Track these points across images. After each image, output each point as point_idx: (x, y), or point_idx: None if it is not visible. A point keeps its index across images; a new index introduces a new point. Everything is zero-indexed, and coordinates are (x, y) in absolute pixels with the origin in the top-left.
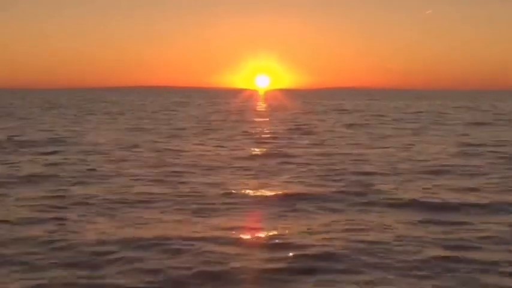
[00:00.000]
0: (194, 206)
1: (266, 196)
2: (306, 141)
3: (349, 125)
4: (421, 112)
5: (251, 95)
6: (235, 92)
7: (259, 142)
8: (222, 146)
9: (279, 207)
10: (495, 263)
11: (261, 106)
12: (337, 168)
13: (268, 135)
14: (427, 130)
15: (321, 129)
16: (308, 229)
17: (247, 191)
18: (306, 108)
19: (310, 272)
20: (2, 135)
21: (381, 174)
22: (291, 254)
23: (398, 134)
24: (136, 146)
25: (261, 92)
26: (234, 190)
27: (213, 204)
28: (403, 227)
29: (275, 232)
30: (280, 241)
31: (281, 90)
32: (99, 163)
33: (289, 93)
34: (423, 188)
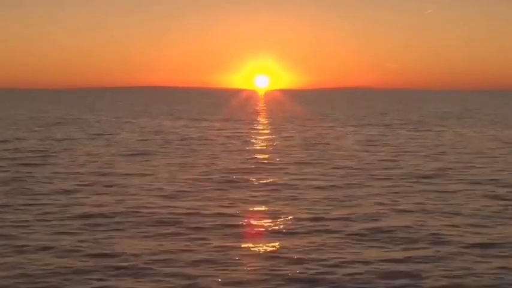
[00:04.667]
0: None
1: None
2: None
3: None
4: None
5: (250, 96)
6: (234, 93)
7: None
8: None
9: None
10: None
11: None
12: None
13: None
14: None
15: None
16: None
17: None
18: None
19: None
20: None
21: None
22: None
23: None
24: None
25: (261, 93)
26: None
27: None
28: None
29: None
30: None
31: (281, 90)
32: None
33: (289, 94)
34: None
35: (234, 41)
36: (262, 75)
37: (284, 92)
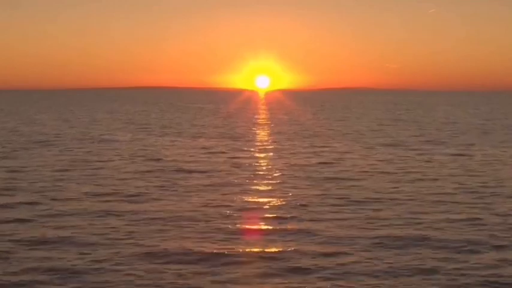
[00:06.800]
0: None
1: None
2: None
3: None
4: None
5: (251, 97)
6: (235, 93)
7: None
8: None
9: None
10: None
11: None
12: None
13: None
14: None
15: None
16: None
17: None
18: None
19: None
20: None
21: None
22: None
23: None
24: None
25: (261, 93)
26: None
27: None
28: None
29: None
30: None
31: (281, 91)
32: None
33: (289, 94)
34: None
35: (235, 41)
36: (262, 76)
37: (285, 92)
